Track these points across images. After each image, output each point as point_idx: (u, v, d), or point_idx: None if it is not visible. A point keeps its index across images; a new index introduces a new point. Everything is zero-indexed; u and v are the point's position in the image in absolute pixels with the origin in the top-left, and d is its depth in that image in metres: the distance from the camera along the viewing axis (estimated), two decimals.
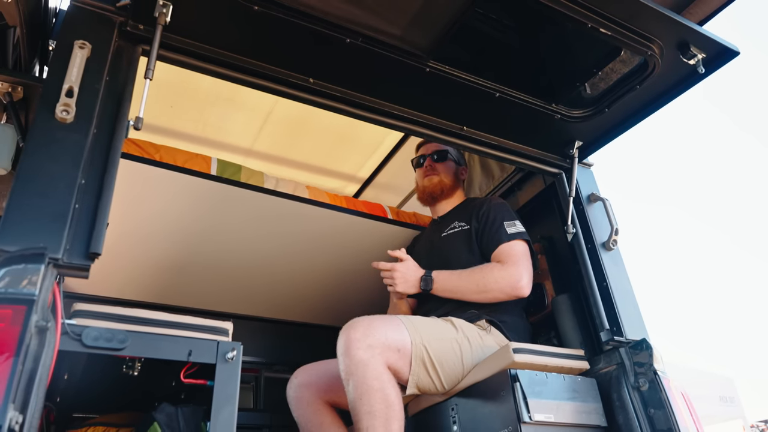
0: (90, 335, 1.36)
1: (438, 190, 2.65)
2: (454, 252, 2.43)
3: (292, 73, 1.93)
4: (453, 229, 2.50)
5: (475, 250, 2.39)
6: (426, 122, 2.17)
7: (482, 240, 2.37)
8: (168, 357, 1.45)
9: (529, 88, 2.10)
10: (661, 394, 1.93)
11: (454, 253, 2.42)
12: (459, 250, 2.42)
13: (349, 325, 1.98)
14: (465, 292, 2.23)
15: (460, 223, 2.49)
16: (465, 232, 2.44)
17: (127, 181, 2.33)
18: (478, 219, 2.43)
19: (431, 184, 2.65)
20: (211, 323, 1.55)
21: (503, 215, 2.39)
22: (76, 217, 1.40)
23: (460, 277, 2.25)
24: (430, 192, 2.66)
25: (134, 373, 1.59)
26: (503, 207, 2.47)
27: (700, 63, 1.87)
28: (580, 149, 2.37)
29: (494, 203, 2.47)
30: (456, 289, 2.24)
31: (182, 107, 3.34)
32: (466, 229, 2.44)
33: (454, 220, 2.53)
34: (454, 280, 2.25)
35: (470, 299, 2.23)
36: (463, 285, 2.23)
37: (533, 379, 1.90)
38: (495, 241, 2.32)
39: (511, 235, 2.31)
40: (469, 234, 2.42)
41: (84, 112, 1.49)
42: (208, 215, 2.60)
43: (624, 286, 2.23)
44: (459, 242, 2.45)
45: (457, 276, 2.25)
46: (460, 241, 2.45)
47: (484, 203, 2.48)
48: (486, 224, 2.38)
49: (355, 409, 1.86)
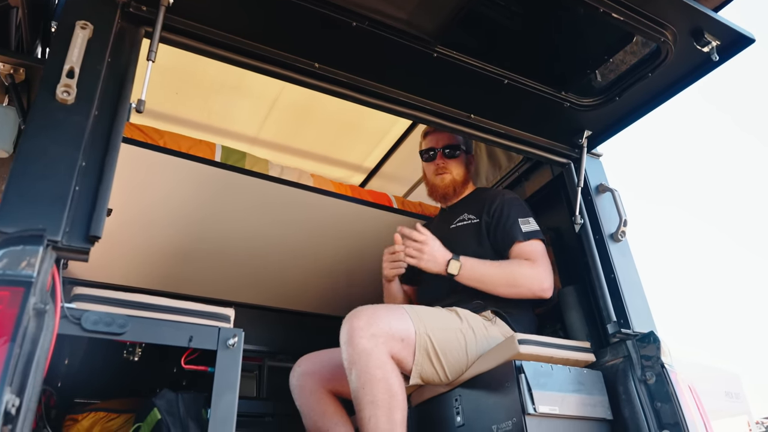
0: (89, 319, 1.34)
1: (451, 190, 2.58)
2: (462, 244, 2.38)
3: (298, 58, 1.90)
4: (462, 222, 2.46)
5: (485, 244, 2.35)
6: (433, 109, 2.13)
7: (496, 236, 2.33)
8: (169, 342, 1.44)
9: (538, 75, 2.06)
10: (668, 387, 1.90)
11: (462, 246, 2.38)
12: (468, 243, 2.38)
13: (352, 314, 1.96)
14: (494, 283, 2.16)
15: (470, 216, 2.44)
16: (474, 225, 2.41)
17: (131, 166, 2.32)
18: (489, 213, 2.38)
19: (444, 184, 2.58)
20: (213, 309, 1.54)
21: (517, 212, 2.35)
22: (76, 200, 1.38)
23: (490, 267, 2.17)
24: (443, 193, 2.59)
25: (135, 359, 1.57)
26: (517, 203, 2.42)
27: (714, 50, 1.83)
28: (589, 139, 2.33)
29: (507, 198, 2.42)
30: (483, 278, 2.16)
31: (187, 94, 3.31)
32: (475, 223, 2.40)
33: (464, 211, 2.48)
34: (484, 269, 2.17)
35: (496, 292, 2.17)
36: (493, 275, 2.16)
37: (538, 371, 1.88)
38: (510, 238, 2.27)
39: (527, 233, 2.27)
40: (478, 227, 2.38)
41: (85, 94, 1.47)
42: (211, 202, 2.58)
43: (632, 278, 2.19)
44: (468, 235, 2.41)
45: (487, 265, 2.18)
46: (469, 234, 2.41)
47: (496, 197, 2.43)
48: (499, 220, 2.33)
49: (358, 399, 1.84)
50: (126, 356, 1.58)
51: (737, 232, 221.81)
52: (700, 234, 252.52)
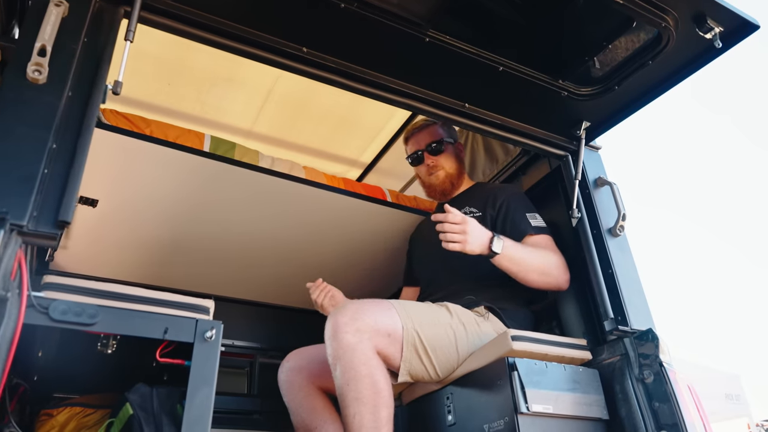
0: (58, 309, 1.28)
1: (448, 185, 2.54)
2: None
3: (286, 42, 1.83)
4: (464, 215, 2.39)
5: None
6: (426, 98, 2.06)
7: (504, 229, 2.25)
8: (142, 334, 1.37)
9: (534, 62, 1.98)
10: (666, 386, 1.82)
11: None
12: None
13: (337, 309, 1.90)
14: (529, 267, 2.08)
15: (472, 209, 2.38)
16: (477, 219, 2.34)
17: (115, 155, 2.26)
18: (495, 207, 2.33)
19: (439, 181, 2.54)
20: (190, 300, 1.47)
21: (525, 207, 2.31)
22: (46, 183, 1.31)
23: (526, 251, 2.10)
24: (441, 189, 2.55)
25: (108, 351, 1.51)
26: (523, 198, 2.39)
27: (717, 37, 1.76)
28: (587, 130, 2.26)
29: (513, 193, 2.39)
30: (522, 261, 2.07)
31: (179, 85, 3.26)
32: (478, 216, 2.33)
33: (465, 204, 2.41)
34: (522, 252, 2.09)
35: (527, 278, 2.09)
36: (530, 259, 2.09)
37: (532, 368, 1.81)
38: (520, 231, 2.21)
39: (536, 227, 2.23)
40: (482, 221, 2.31)
41: (58, 74, 1.40)
42: (200, 194, 2.52)
43: (630, 274, 2.12)
44: None
45: (523, 249, 2.10)
46: None
47: (502, 192, 2.38)
48: (507, 214, 2.28)
49: (343, 395, 1.78)
50: (100, 349, 1.52)
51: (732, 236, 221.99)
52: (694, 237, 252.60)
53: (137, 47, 3.02)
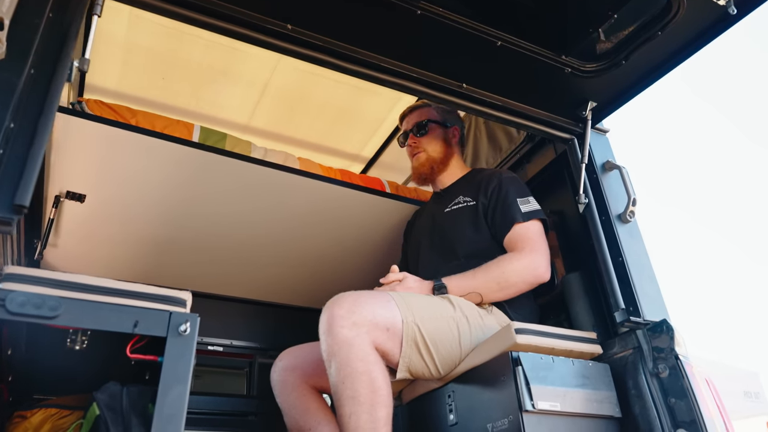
0: (15, 300, 1.17)
1: (428, 169, 2.42)
2: (457, 229, 2.22)
3: (268, 19, 1.72)
4: (457, 205, 2.28)
5: (482, 227, 2.18)
6: (420, 78, 1.95)
7: (494, 219, 2.16)
8: (110, 328, 1.26)
9: (534, 36, 1.86)
10: (683, 381, 1.69)
11: (457, 231, 2.21)
12: (463, 227, 2.21)
13: (332, 301, 1.77)
14: (485, 291, 1.99)
15: (465, 198, 2.27)
16: (471, 208, 2.23)
17: (100, 146, 2.17)
18: (486, 195, 2.21)
19: (419, 163, 2.42)
20: (164, 292, 1.36)
21: (516, 191, 2.18)
22: (2, 165, 1.22)
23: (475, 278, 2.00)
24: (420, 173, 2.43)
25: (77, 348, 1.41)
26: (515, 182, 2.25)
27: (732, 3, 1.63)
28: (593, 111, 2.13)
29: (505, 177, 2.25)
30: (475, 288, 2.00)
31: (174, 80, 3.18)
32: (471, 205, 2.23)
33: (459, 194, 2.31)
34: (471, 283, 2.00)
35: (493, 298, 2.01)
36: (481, 285, 1.99)
37: (537, 363, 1.69)
38: (509, 220, 2.10)
39: (526, 214, 2.10)
40: (475, 210, 2.21)
41: (18, 49, 1.31)
42: (190, 186, 2.42)
43: (642, 262, 1.99)
44: (463, 219, 2.23)
45: (471, 277, 2.01)
46: (464, 218, 2.23)
47: (493, 177, 2.26)
48: (497, 201, 2.16)
49: (338, 394, 1.66)
50: (69, 345, 1.42)
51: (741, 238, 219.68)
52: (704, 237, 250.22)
53: (128, 40, 2.97)
